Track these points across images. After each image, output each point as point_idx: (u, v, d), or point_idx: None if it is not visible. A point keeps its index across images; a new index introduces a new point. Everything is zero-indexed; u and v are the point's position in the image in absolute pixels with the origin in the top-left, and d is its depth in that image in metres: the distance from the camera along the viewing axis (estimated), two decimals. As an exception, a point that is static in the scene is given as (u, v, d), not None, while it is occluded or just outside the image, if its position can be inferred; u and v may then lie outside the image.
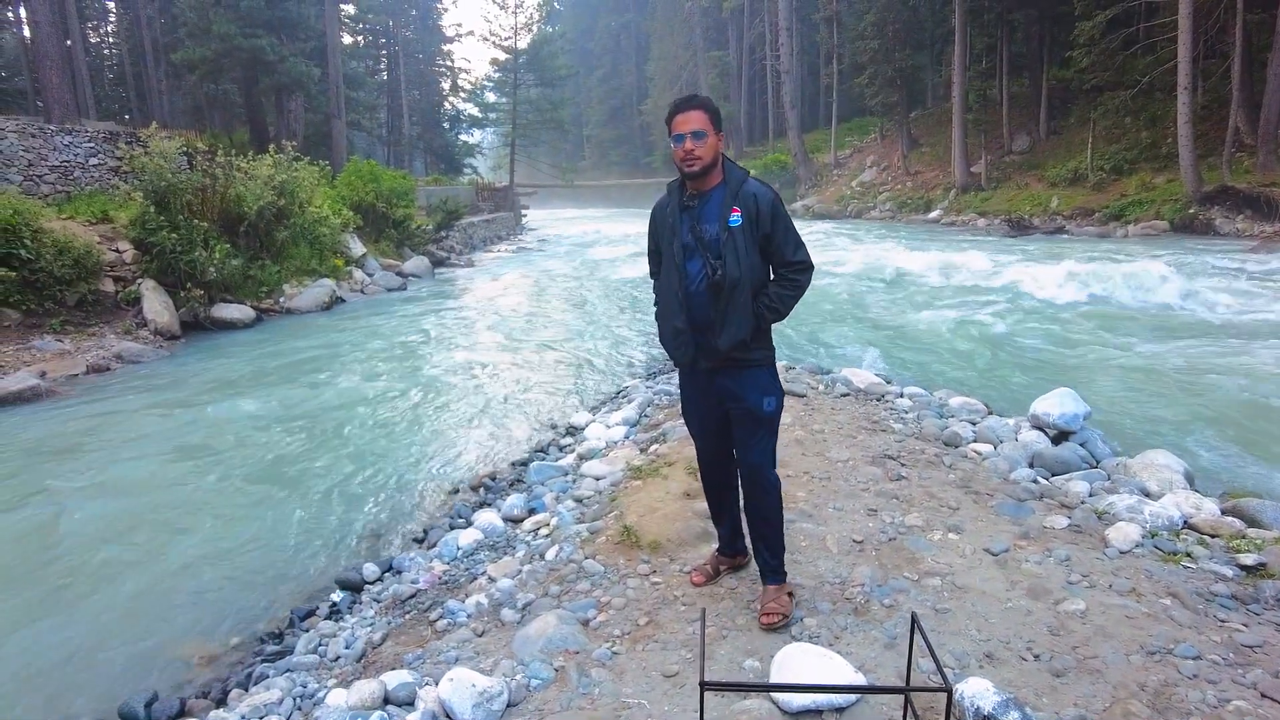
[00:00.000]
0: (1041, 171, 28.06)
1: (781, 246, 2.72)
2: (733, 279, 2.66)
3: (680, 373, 3.06)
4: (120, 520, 4.90)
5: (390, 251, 19.18)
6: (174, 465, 5.86)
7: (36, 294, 9.77)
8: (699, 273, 2.73)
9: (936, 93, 41.14)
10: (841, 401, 5.85)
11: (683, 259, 2.76)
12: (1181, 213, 20.49)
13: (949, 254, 17.00)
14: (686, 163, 2.68)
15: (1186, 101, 19.73)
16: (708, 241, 2.71)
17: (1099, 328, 9.50)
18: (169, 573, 4.22)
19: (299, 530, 4.73)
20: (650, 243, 3.02)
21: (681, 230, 2.78)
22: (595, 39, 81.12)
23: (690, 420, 3.09)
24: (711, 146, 2.68)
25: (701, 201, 2.75)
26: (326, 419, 6.96)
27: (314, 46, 27.32)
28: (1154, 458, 4.39)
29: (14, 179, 12.71)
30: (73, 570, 4.26)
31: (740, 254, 2.67)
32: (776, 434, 2.91)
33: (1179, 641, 2.58)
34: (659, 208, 2.91)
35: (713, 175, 2.74)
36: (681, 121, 2.68)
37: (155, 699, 3.13)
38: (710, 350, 2.76)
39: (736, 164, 2.82)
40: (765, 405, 2.79)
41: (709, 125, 2.68)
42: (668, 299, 2.85)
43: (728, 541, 3.20)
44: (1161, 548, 3.29)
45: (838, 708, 2.29)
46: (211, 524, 4.81)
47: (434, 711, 2.45)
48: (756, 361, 2.80)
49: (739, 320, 2.70)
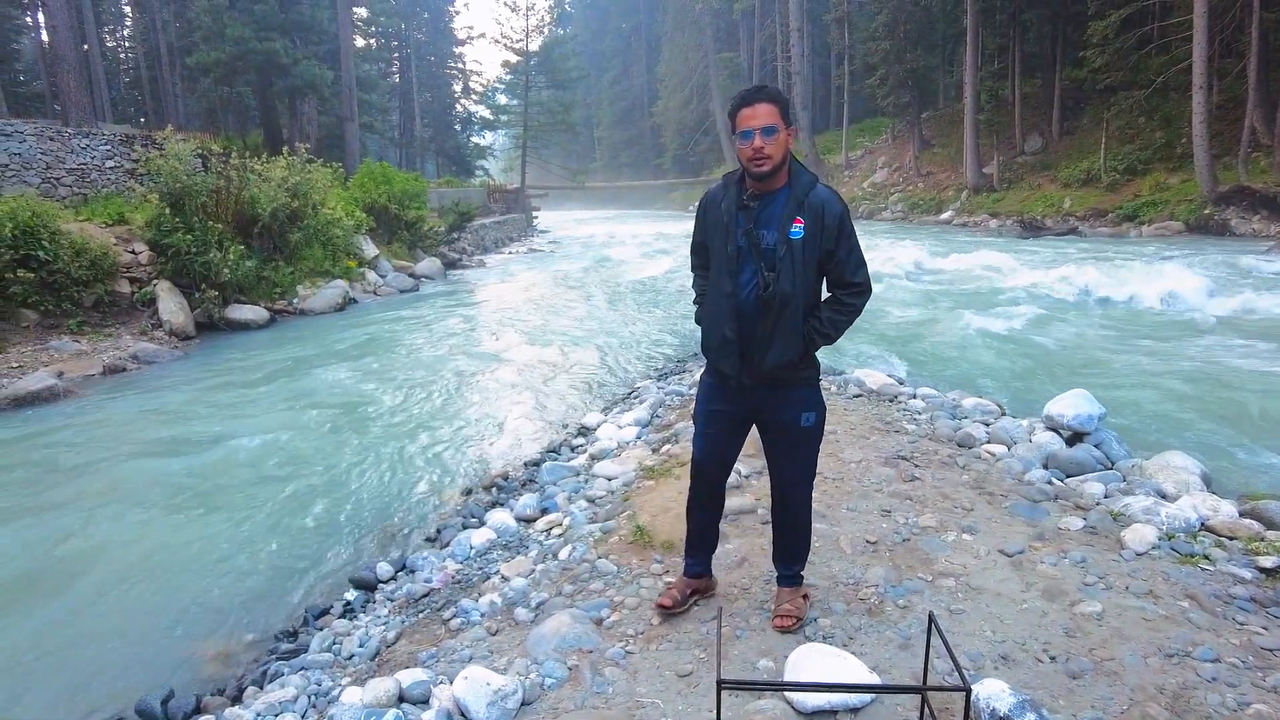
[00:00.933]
0: (1054, 172, 27.91)
1: (843, 264, 2.51)
2: (784, 296, 2.45)
3: (705, 379, 2.80)
4: (135, 518, 4.94)
5: (403, 253, 19.27)
6: (185, 465, 5.90)
7: (54, 295, 9.87)
8: (750, 283, 2.51)
9: (948, 93, 40.98)
10: (854, 402, 5.83)
11: (736, 264, 2.52)
12: (1196, 213, 20.34)
13: (961, 255, 16.93)
14: (755, 162, 2.42)
15: (1202, 101, 19.58)
16: (763, 250, 2.48)
17: (1113, 329, 9.44)
18: (184, 572, 4.24)
19: (313, 529, 4.75)
20: (696, 235, 2.79)
21: (736, 232, 2.52)
22: (606, 41, 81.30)
23: (705, 431, 2.78)
24: (782, 144, 2.43)
25: (762, 204, 2.50)
26: (340, 419, 6.99)
27: (327, 49, 27.51)
28: (1170, 459, 4.35)
29: (32, 181, 12.85)
30: (87, 570, 4.30)
31: (797, 269, 2.45)
32: (817, 452, 2.73)
33: (1197, 644, 2.56)
34: (711, 200, 2.67)
35: (779, 176, 2.49)
36: (749, 115, 2.42)
37: (172, 696, 3.15)
38: (754, 369, 2.56)
39: (805, 166, 2.57)
40: (804, 420, 2.62)
41: (780, 120, 2.42)
42: (717, 303, 2.60)
43: (705, 565, 2.98)
44: (1179, 550, 3.26)
45: (852, 708, 2.28)
46: (224, 523, 4.84)
47: (449, 710, 2.46)
48: (803, 380, 2.63)
49: (787, 340, 2.49)
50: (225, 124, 32.44)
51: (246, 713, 2.82)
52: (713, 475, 2.84)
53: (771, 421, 2.68)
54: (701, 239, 2.77)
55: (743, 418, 2.72)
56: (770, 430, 2.71)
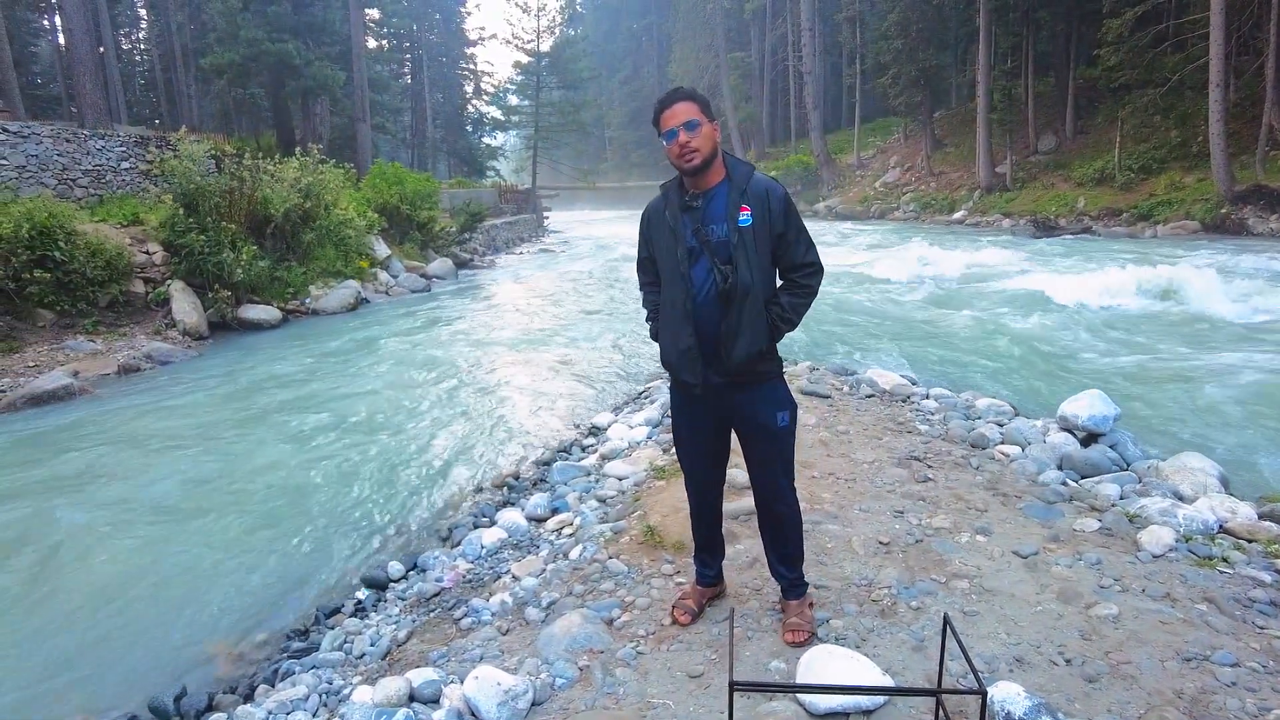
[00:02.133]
0: (1068, 171, 27.69)
1: (794, 247, 2.51)
2: (744, 286, 2.44)
3: (674, 393, 2.77)
4: (146, 517, 4.97)
5: (414, 254, 19.34)
6: (197, 464, 5.93)
7: (70, 295, 9.96)
8: (706, 280, 2.49)
9: (961, 92, 40.72)
10: (866, 403, 5.80)
11: (688, 265, 2.51)
12: (1213, 212, 20.13)
13: (973, 255, 16.83)
14: (684, 158, 2.45)
15: (1219, 99, 19.37)
16: (715, 244, 2.48)
17: (1128, 329, 9.35)
18: (195, 570, 4.27)
19: (323, 529, 4.76)
20: (642, 250, 2.74)
21: (684, 233, 2.52)
22: (617, 41, 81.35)
23: (686, 448, 2.79)
24: (707, 136, 2.45)
25: (705, 200, 2.51)
26: (350, 418, 7.01)
27: (339, 51, 27.62)
28: (1187, 460, 4.29)
29: (49, 183, 12.97)
30: (100, 568, 4.33)
31: (752, 257, 2.45)
32: (793, 450, 2.70)
33: (1216, 648, 2.52)
34: (652, 211, 2.66)
35: (714, 171, 2.51)
36: (669, 116, 2.46)
37: (184, 693, 3.17)
38: (721, 366, 2.53)
39: (738, 158, 2.59)
40: (779, 419, 2.59)
41: (701, 114, 2.45)
42: (671, 314, 2.58)
43: (717, 571, 2.98)
44: (1196, 552, 3.22)
45: (865, 710, 2.26)
46: (237, 522, 4.87)
47: (459, 709, 2.45)
48: (769, 374, 2.60)
49: (753, 331, 2.47)
50: (239, 125, 32.67)
51: (258, 711, 2.83)
52: (705, 487, 2.84)
53: (746, 425, 2.64)
54: (648, 253, 2.72)
55: (718, 425, 2.69)
56: (746, 434, 2.67)
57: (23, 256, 9.45)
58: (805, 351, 8.10)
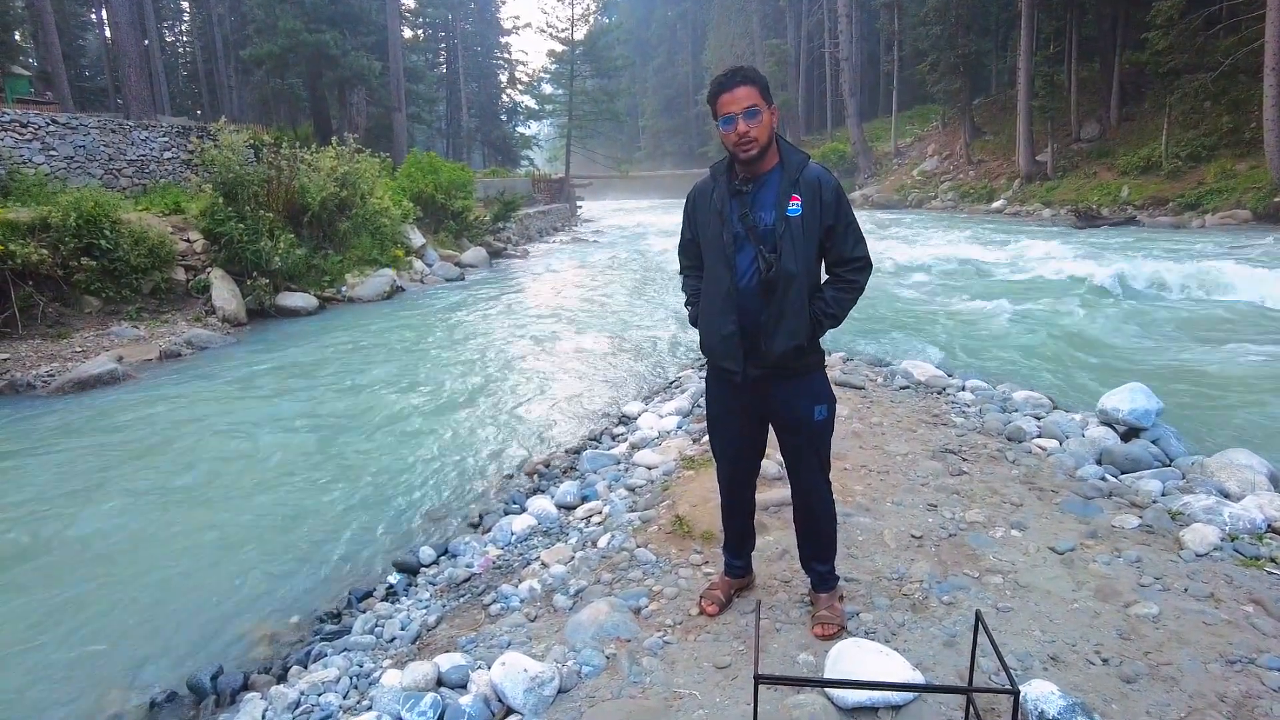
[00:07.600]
0: (1111, 160, 26.95)
1: (843, 240, 2.43)
2: (788, 274, 2.37)
3: (711, 381, 2.71)
4: (189, 499, 5.08)
5: (449, 242, 19.49)
6: (237, 448, 6.05)
7: (115, 282, 10.21)
8: (749, 267, 2.42)
9: (1001, 79, 39.81)
10: (901, 394, 5.72)
11: (733, 251, 2.44)
12: (1266, 201, 19.44)
13: (1013, 245, 16.49)
14: (741, 147, 2.35)
15: (1274, 83, 18.68)
16: (761, 232, 2.40)
17: (1173, 323, 9.09)
18: (233, 552, 4.35)
19: (357, 513, 4.83)
20: (685, 232, 2.69)
21: (731, 218, 2.44)
22: (651, 29, 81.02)
23: (721, 437, 2.73)
24: (766, 125, 2.36)
25: (756, 187, 2.43)
26: (385, 404, 7.10)
27: (375, 41, 27.90)
28: (1234, 457, 4.16)
29: (95, 173, 13.30)
30: (143, 548, 4.44)
31: (798, 247, 2.37)
32: (830, 444, 2.64)
33: (1262, 651, 2.44)
34: (700, 192, 2.58)
35: (769, 157, 2.42)
36: (729, 101, 2.35)
37: (220, 672, 3.24)
38: (760, 357, 2.46)
39: (793, 145, 2.50)
40: (817, 413, 2.53)
41: (760, 100, 2.34)
42: (713, 299, 2.52)
43: (746, 563, 2.96)
44: (1242, 551, 3.12)
45: (894, 705, 2.23)
46: (273, 505, 4.96)
47: (486, 695, 2.47)
48: (809, 367, 2.52)
49: (794, 323, 2.40)
50: (277, 115, 33.15)
51: (291, 691, 2.88)
52: (738, 478, 2.79)
53: (784, 417, 2.58)
54: (692, 235, 2.66)
55: (755, 416, 2.63)
56: (783, 427, 2.60)
57: (70, 244, 9.71)
58: (839, 342, 8.01)
